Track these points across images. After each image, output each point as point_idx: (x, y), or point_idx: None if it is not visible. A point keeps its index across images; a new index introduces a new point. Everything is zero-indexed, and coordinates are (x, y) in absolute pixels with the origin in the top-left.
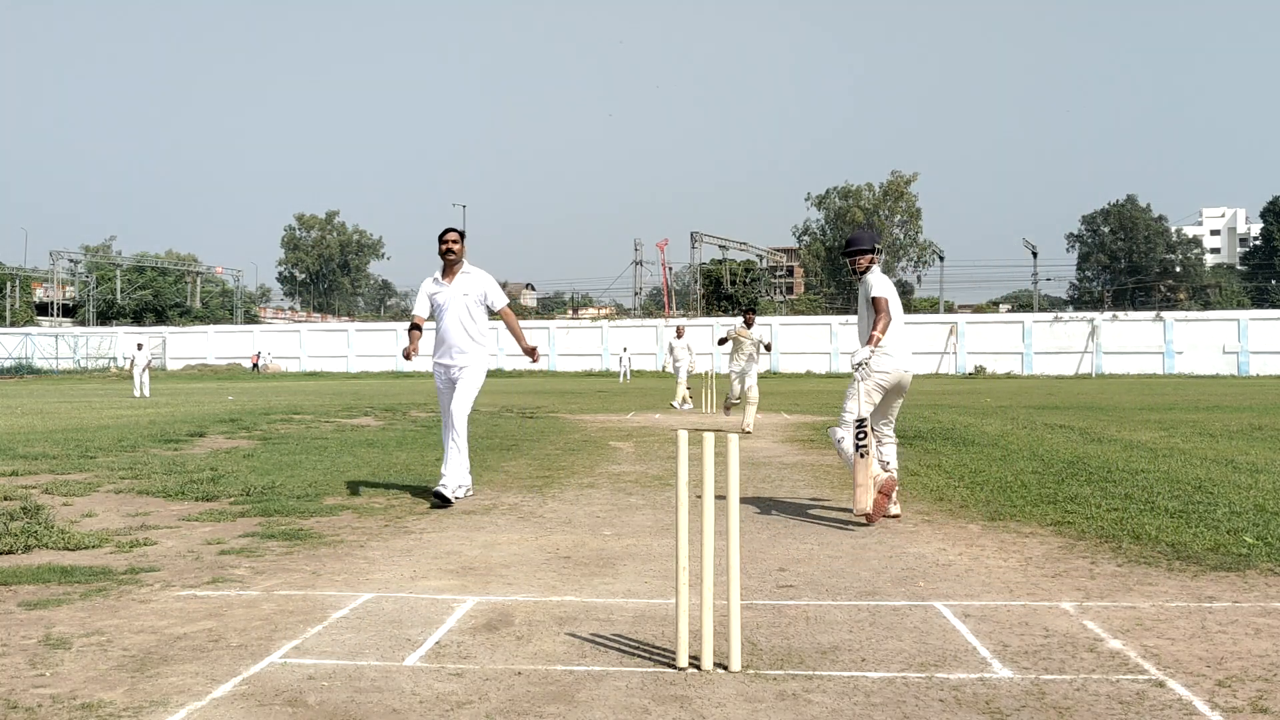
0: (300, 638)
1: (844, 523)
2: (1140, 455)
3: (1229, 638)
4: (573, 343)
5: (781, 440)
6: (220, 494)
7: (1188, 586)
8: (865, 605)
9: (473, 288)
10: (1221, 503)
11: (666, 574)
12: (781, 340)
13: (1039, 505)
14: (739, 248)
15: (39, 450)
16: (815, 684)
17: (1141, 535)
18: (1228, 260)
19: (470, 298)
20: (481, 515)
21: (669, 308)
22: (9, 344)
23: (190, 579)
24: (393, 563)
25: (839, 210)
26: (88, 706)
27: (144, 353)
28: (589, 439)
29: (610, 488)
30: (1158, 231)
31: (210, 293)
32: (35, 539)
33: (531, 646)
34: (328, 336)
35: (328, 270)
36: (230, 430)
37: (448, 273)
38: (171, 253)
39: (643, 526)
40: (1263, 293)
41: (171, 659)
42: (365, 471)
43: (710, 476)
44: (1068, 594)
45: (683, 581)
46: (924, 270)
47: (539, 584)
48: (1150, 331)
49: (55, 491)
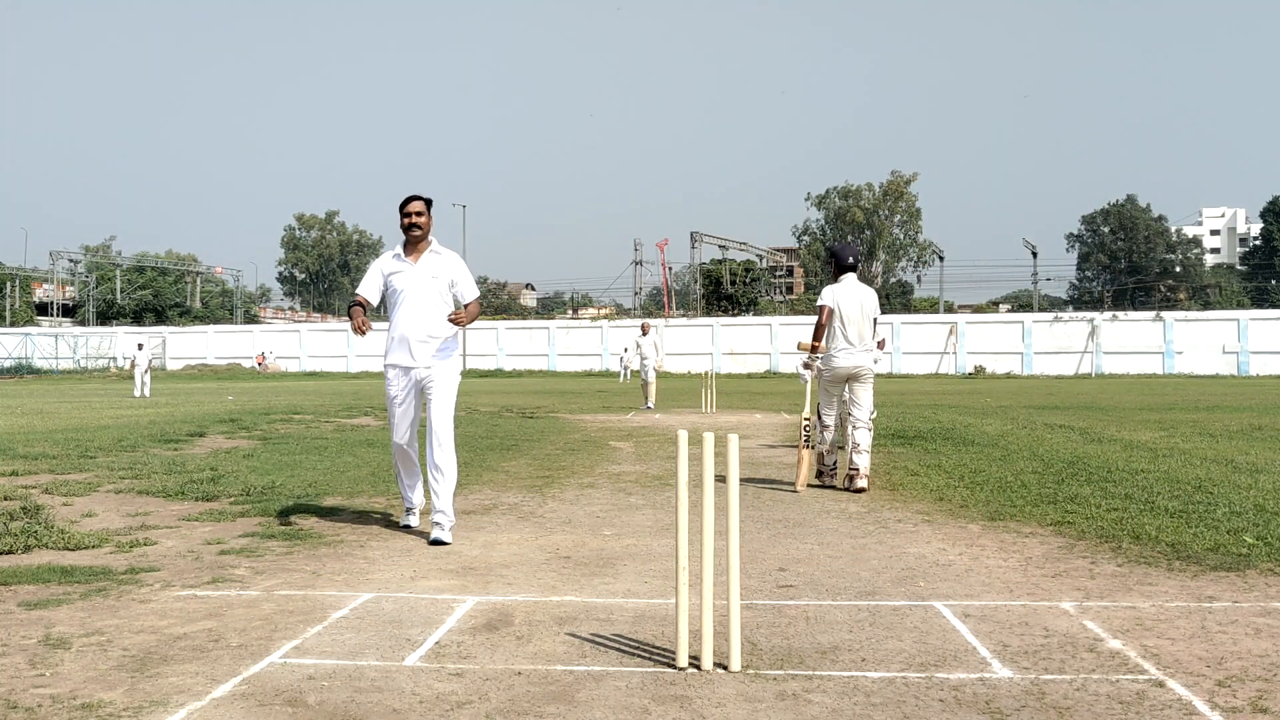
0: (300, 638)
1: (844, 517)
2: (1140, 455)
3: (1229, 638)
4: (573, 343)
5: (782, 440)
6: (220, 494)
7: (1188, 586)
8: (865, 605)
9: (443, 271)
10: (1221, 503)
11: (666, 574)
12: (781, 340)
13: (1039, 505)
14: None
15: (39, 450)
16: (815, 684)
17: (1141, 535)
18: (1228, 260)
19: (440, 282)
20: (481, 515)
21: (669, 308)
22: (9, 344)
23: (190, 579)
24: (393, 563)
25: (839, 210)
26: (88, 706)
27: (145, 353)
28: (589, 439)
29: (610, 488)
30: (1158, 231)
31: (210, 293)
32: (35, 539)
33: (531, 646)
34: (328, 336)
35: (328, 270)
36: (230, 430)
37: (412, 250)
38: (171, 253)
39: (643, 526)
40: (1263, 293)
41: (171, 659)
42: (365, 471)
43: (710, 476)
44: (1068, 594)
45: (683, 581)
46: (924, 270)
47: (539, 584)
48: (1150, 331)
49: (55, 491)
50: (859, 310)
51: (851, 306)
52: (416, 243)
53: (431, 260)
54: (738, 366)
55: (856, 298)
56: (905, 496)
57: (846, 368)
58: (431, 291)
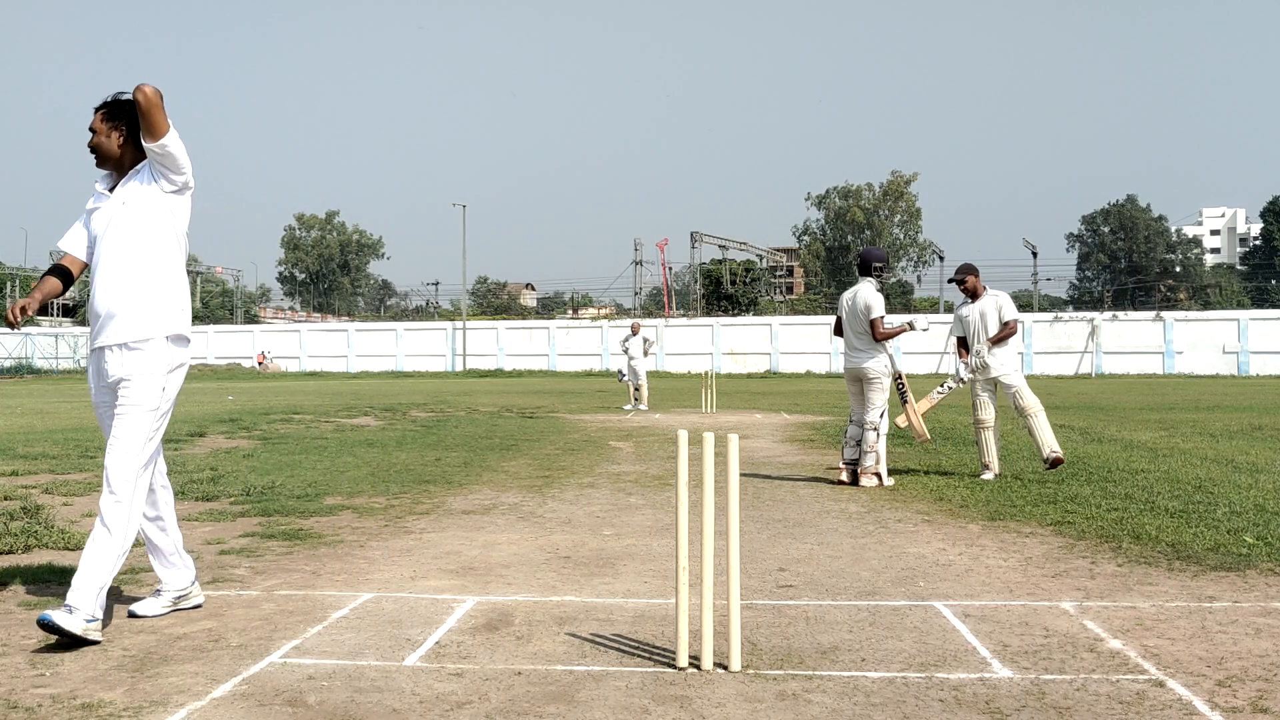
0: (300, 638)
1: (846, 515)
2: (1140, 455)
3: (1229, 638)
4: (573, 343)
5: (781, 440)
6: (220, 494)
7: (1188, 586)
8: (865, 605)
9: (139, 191)
10: (1221, 503)
11: (666, 574)
12: (781, 340)
13: (1039, 505)
14: (739, 247)
15: (39, 450)
16: (815, 684)
17: (1141, 535)
18: (1228, 260)
19: (136, 209)
20: (481, 515)
21: (669, 308)
22: (9, 344)
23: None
24: (393, 563)
25: (839, 210)
26: (88, 706)
27: None
28: (589, 439)
29: (610, 488)
30: (1158, 231)
31: (210, 292)
32: (35, 539)
33: (531, 646)
34: (328, 336)
35: (328, 270)
36: (230, 430)
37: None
38: None
39: (643, 526)
40: (1263, 293)
41: (171, 659)
42: (365, 471)
43: (710, 476)
44: (1068, 594)
45: (682, 581)
46: (924, 270)
47: (539, 584)
48: (1150, 331)
49: (55, 491)
50: (852, 312)
51: (846, 311)
52: (105, 164)
53: (131, 188)
54: (738, 366)
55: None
56: (905, 496)
57: (848, 368)
58: (124, 231)
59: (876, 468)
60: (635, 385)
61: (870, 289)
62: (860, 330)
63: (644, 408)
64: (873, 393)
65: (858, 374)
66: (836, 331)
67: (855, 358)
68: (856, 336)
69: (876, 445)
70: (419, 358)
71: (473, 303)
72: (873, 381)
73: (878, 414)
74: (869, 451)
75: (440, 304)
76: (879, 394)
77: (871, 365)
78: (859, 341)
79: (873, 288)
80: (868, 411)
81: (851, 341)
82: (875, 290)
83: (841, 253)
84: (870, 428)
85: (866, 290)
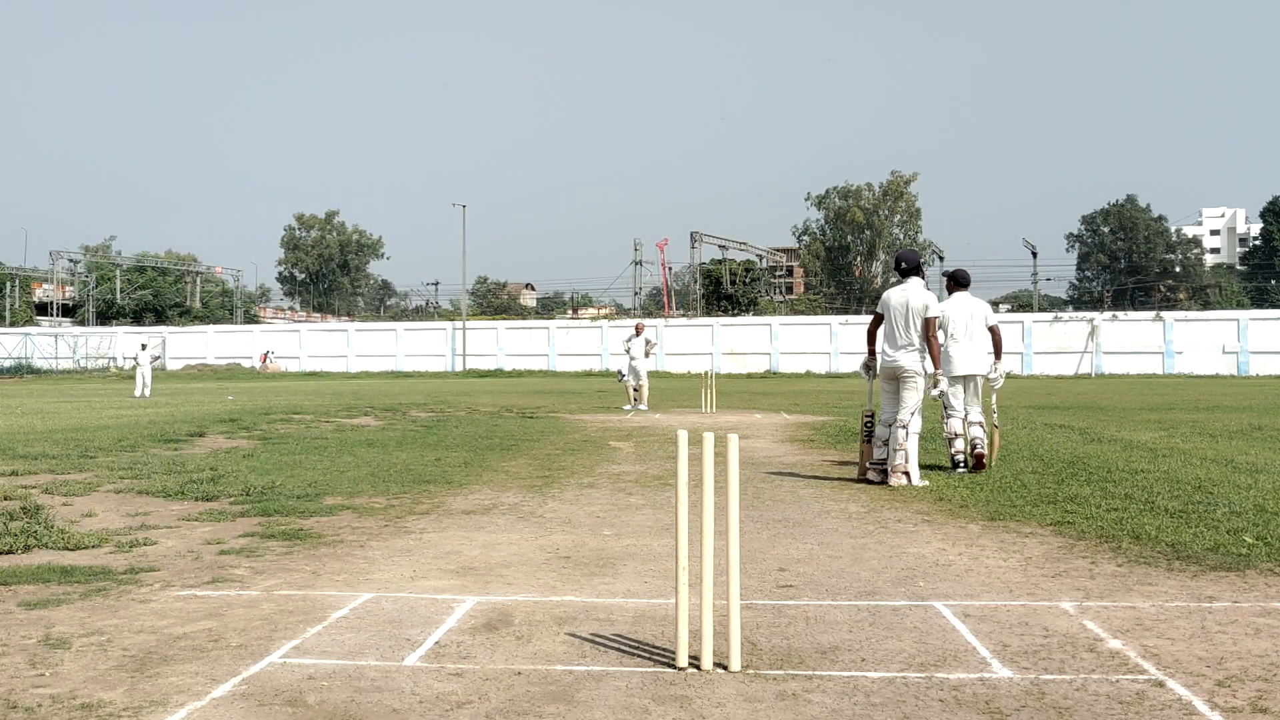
0: (300, 638)
1: (847, 515)
2: (1140, 455)
3: (1229, 638)
4: (573, 343)
5: (781, 440)
6: (220, 494)
7: (1188, 586)
8: (865, 605)
9: None
10: (1221, 503)
11: (666, 574)
12: (781, 340)
13: (1039, 505)
14: (739, 247)
15: (39, 450)
16: (815, 684)
17: (1141, 535)
18: (1227, 260)
19: None
20: (481, 515)
21: (669, 308)
22: (9, 344)
23: (190, 579)
24: (393, 563)
25: (839, 210)
26: (88, 706)
27: (148, 352)
28: (589, 439)
29: (610, 488)
30: (1158, 231)
31: (210, 293)
32: (35, 539)
33: (531, 646)
34: (327, 336)
35: (327, 270)
36: (230, 430)
37: None
38: (171, 253)
39: (643, 526)
40: (1263, 293)
41: (171, 659)
42: (365, 471)
43: (710, 477)
44: (1068, 594)
45: (682, 581)
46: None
47: (539, 584)
48: (1150, 331)
49: (55, 491)
50: (902, 309)
51: (886, 311)
52: None
53: None
54: (737, 367)
55: (903, 300)
56: (905, 496)
57: (884, 365)
58: None
59: (906, 466)
60: (635, 385)
61: (924, 288)
62: (908, 328)
63: (644, 408)
64: (906, 391)
65: (895, 371)
66: (872, 330)
67: (895, 355)
68: (902, 334)
69: (906, 444)
70: (419, 358)
71: (473, 303)
72: (908, 380)
73: (909, 413)
74: (898, 449)
75: (440, 304)
76: (913, 393)
77: (911, 364)
78: (904, 339)
79: (924, 287)
80: (900, 410)
81: (895, 339)
82: (926, 289)
83: (841, 253)
84: (900, 425)
85: (922, 290)
